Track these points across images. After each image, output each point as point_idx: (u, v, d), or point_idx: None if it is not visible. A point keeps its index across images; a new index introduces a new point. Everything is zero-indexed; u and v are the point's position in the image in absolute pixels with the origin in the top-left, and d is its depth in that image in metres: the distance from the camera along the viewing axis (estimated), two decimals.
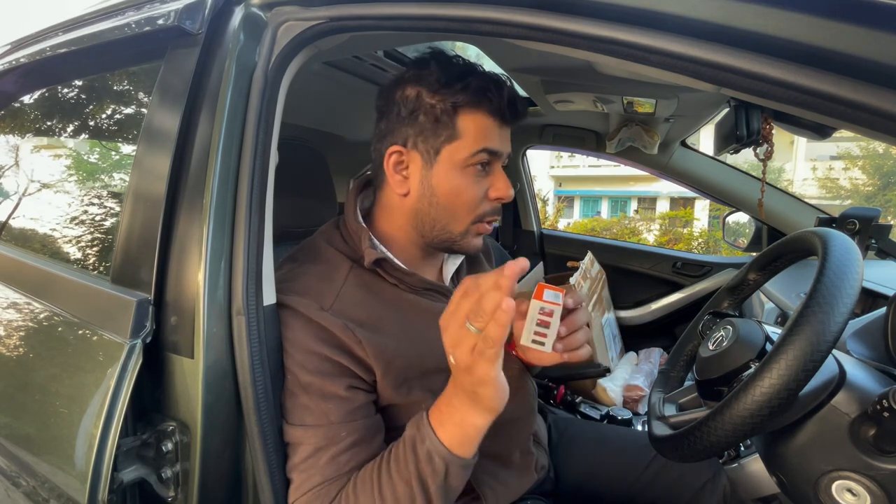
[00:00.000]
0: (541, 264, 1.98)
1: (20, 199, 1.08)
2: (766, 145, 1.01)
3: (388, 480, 0.54)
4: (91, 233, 0.85)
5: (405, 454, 0.54)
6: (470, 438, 0.53)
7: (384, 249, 0.68)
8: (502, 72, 1.26)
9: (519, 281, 0.49)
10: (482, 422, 0.52)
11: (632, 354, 1.79)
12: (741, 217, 1.73)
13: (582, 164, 17.44)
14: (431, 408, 0.55)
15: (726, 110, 1.09)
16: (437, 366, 0.66)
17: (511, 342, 0.68)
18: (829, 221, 1.27)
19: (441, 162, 0.66)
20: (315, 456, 0.58)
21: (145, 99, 0.79)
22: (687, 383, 0.69)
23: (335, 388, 0.60)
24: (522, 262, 0.46)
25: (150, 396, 0.62)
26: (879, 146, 10.26)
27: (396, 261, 0.68)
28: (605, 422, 1.35)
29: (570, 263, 1.98)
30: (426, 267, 0.75)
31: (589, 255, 1.78)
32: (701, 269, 1.82)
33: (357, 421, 0.60)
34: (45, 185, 1.05)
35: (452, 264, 0.79)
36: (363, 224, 0.69)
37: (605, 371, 1.71)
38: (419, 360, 0.65)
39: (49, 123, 1.08)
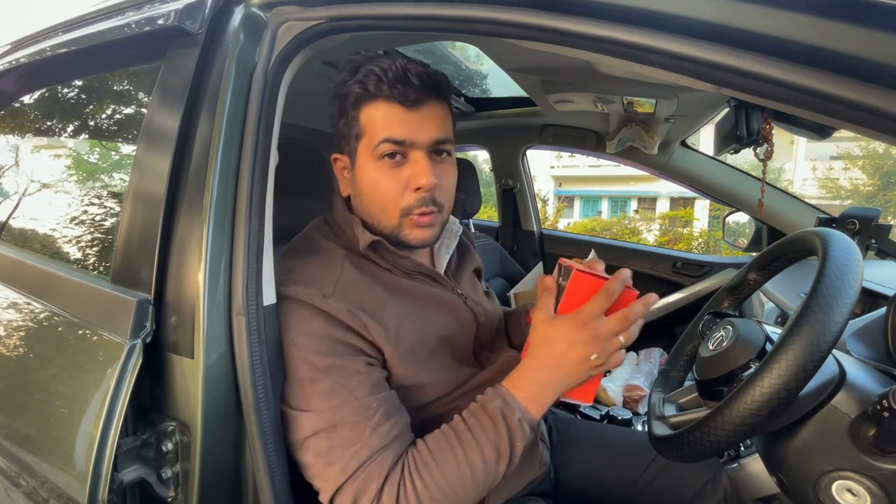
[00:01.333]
0: (540, 264, 1.98)
1: (20, 199, 1.08)
2: (766, 145, 1.01)
3: (475, 446, 0.58)
4: (91, 233, 0.85)
5: (493, 423, 0.59)
6: (546, 409, 0.62)
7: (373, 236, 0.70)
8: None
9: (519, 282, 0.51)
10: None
11: (632, 354, 1.79)
12: (741, 217, 1.73)
13: (582, 164, 17.43)
14: (512, 386, 0.61)
15: (726, 110, 1.09)
16: (437, 342, 0.70)
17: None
18: (829, 221, 1.27)
19: (358, 161, 0.68)
20: (355, 432, 0.58)
21: (145, 99, 0.79)
22: (687, 383, 0.69)
23: (356, 365, 0.60)
24: (652, 298, 0.58)
25: (150, 396, 0.62)
26: (879, 146, 10.26)
27: (388, 244, 0.69)
28: (605, 422, 1.35)
29: (562, 261, 1.98)
30: (414, 255, 0.75)
31: (592, 253, 1.78)
32: (701, 269, 1.82)
33: (382, 393, 0.61)
34: (45, 185, 1.05)
35: (445, 254, 0.81)
36: (351, 213, 0.71)
37: (606, 371, 1.70)
38: (421, 341, 0.67)
39: (49, 123, 1.08)
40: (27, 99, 1.10)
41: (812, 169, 14.09)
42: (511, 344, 0.87)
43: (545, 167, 17.92)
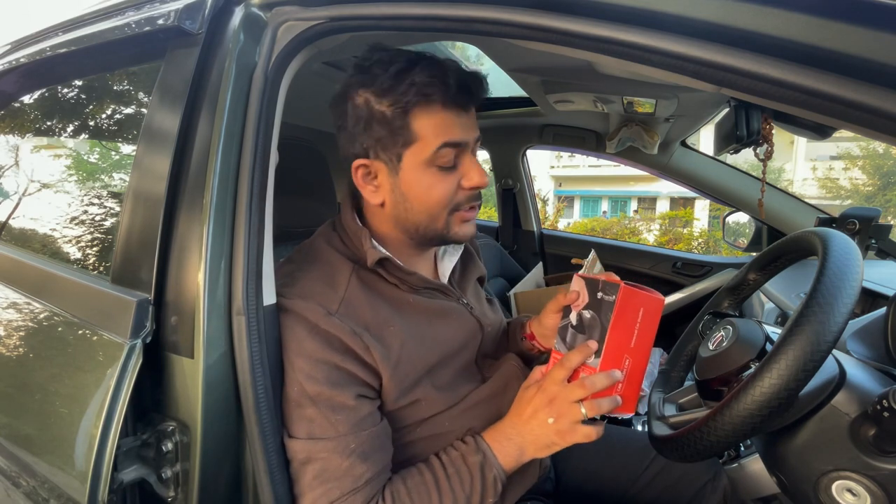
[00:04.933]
0: (540, 264, 1.98)
1: (20, 199, 1.08)
2: (766, 145, 1.01)
3: (450, 494, 0.61)
4: (91, 233, 0.85)
5: (471, 476, 0.62)
6: (517, 466, 0.64)
7: (383, 250, 0.68)
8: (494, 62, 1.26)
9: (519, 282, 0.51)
10: (530, 459, 0.64)
11: None
12: (741, 217, 1.73)
13: (582, 164, 17.44)
14: (493, 441, 0.64)
15: (726, 110, 1.09)
16: (438, 360, 0.69)
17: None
18: (829, 221, 1.27)
19: (405, 167, 0.64)
20: (328, 470, 0.58)
21: (145, 99, 0.79)
22: (687, 383, 0.69)
23: (344, 398, 0.59)
24: (615, 375, 0.60)
25: (150, 396, 0.62)
26: (879, 146, 10.26)
27: (398, 261, 0.68)
28: (604, 422, 1.35)
29: (574, 260, 1.98)
30: (421, 264, 0.75)
31: (592, 254, 1.78)
32: (701, 269, 1.82)
33: (365, 431, 0.60)
34: (45, 185, 1.05)
35: (449, 262, 0.79)
36: (362, 225, 0.69)
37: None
38: (422, 359, 0.66)
39: (49, 123, 1.08)
40: (27, 99, 1.10)
41: (812, 169, 14.09)
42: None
43: (545, 167, 17.92)
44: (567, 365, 0.60)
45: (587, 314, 0.61)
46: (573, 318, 0.63)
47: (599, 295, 0.60)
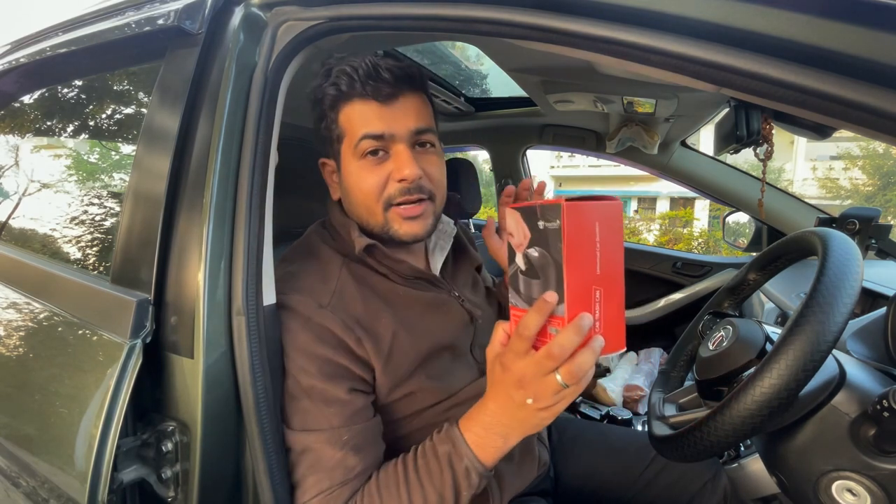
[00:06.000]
0: None
1: (20, 199, 1.08)
2: (766, 145, 1.01)
3: (419, 489, 0.56)
4: (91, 233, 0.85)
5: (440, 468, 0.56)
6: (502, 454, 0.56)
7: (369, 239, 0.69)
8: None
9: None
10: (518, 441, 0.56)
11: (632, 354, 1.79)
12: (741, 217, 1.73)
13: (582, 164, 17.44)
14: (465, 428, 0.56)
15: (726, 110, 1.09)
16: (430, 351, 0.68)
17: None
18: (829, 221, 1.27)
19: (343, 162, 0.68)
20: (321, 460, 0.58)
21: (145, 99, 0.79)
22: (687, 383, 0.69)
23: (337, 392, 0.60)
24: (586, 320, 0.47)
25: (150, 396, 0.62)
26: (879, 146, 10.26)
27: (384, 248, 0.68)
28: (605, 422, 1.35)
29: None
30: (410, 258, 0.75)
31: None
32: (701, 269, 1.82)
33: (358, 424, 0.60)
34: (45, 185, 1.05)
35: (440, 255, 0.79)
36: (349, 218, 0.71)
37: (605, 371, 1.70)
38: (415, 350, 0.66)
39: (49, 123, 1.08)
40: (27, 99, 1.10)
41: (812, 169, 14.09)
42: None
43: (545, 167, 17.92)
44: (525, 334, 0.47)
45: (534, 252, 0.48)
46: (520, 261, 0.50)
47: (541, 224, 0.47)
